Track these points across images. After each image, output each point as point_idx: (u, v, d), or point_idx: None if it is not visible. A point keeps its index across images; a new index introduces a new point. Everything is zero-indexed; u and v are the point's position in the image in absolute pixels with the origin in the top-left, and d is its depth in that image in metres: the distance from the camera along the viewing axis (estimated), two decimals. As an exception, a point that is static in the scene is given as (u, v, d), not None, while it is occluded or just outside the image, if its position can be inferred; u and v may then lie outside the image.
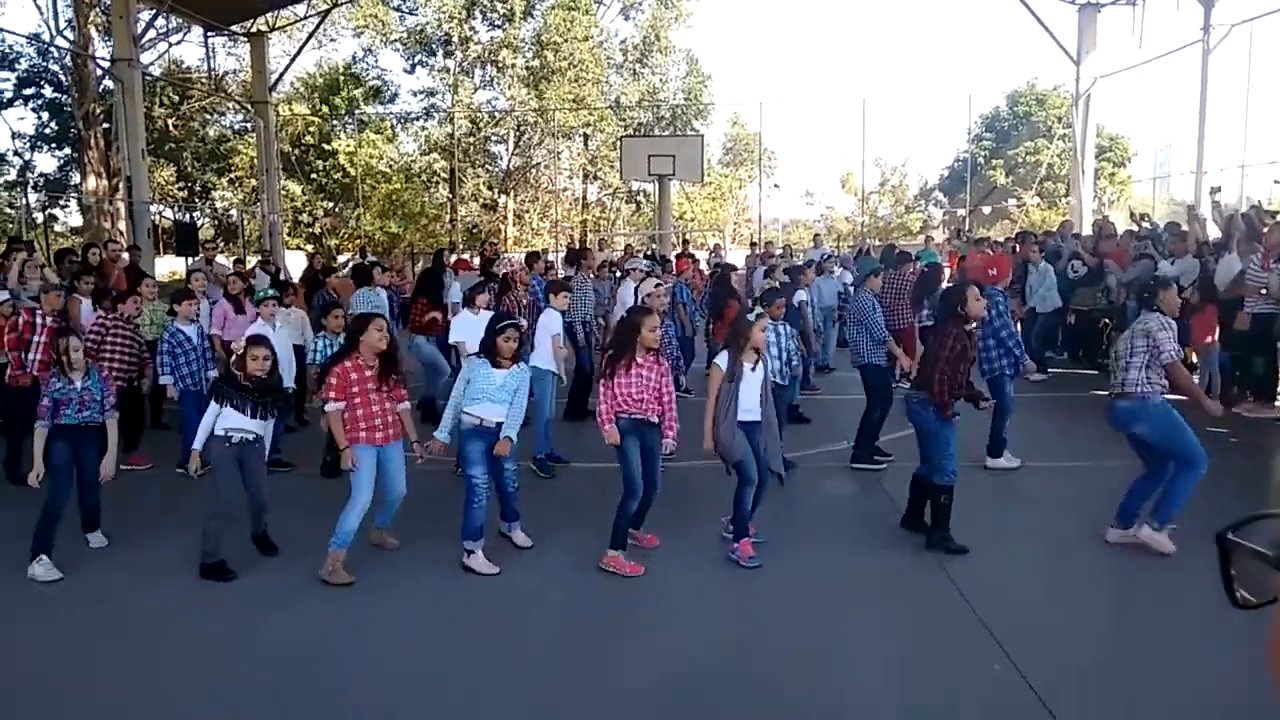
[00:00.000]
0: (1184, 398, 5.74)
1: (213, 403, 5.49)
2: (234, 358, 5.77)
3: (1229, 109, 16.81)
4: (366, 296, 9.88)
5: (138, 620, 4.88)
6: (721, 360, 5.50)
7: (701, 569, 5.45)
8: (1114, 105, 34.59)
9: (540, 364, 7.49)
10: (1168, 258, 10.43)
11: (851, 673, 4.18)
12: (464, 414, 5.46)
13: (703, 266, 17.45)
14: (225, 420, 5.43)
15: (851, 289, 12.64)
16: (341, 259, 27.06)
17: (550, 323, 7.76)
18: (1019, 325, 11.87)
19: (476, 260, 15.41)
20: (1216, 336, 9.35)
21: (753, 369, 5.49)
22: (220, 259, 18.47)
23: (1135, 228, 13.07)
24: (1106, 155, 29.36)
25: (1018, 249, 13.68)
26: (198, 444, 5.49)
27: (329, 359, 5.83)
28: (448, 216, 32.14)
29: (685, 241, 25.77)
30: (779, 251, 19.29)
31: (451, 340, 8.29)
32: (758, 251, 19.30)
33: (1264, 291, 8.70)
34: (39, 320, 7.59)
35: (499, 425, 5.49)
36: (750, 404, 5.48)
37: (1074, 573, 5.34)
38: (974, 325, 5.97)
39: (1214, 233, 10.72)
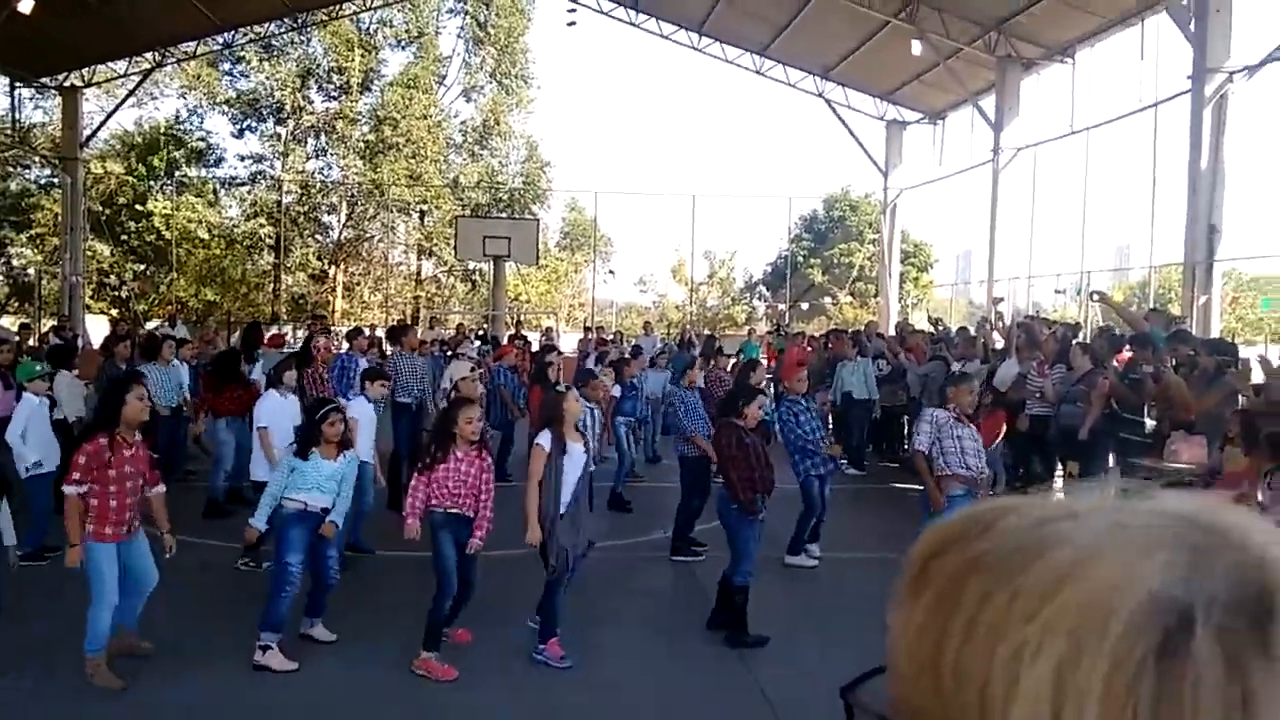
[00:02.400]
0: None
1: None
2: None
3: (1018, 223, 18.58)
4: (149, 372, 8.86)
5: None
6: (544, 440, 5.37)
7: (513, 669, 5.32)
8: (918, 214, 37.50)
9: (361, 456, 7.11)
10: (959, 359, 11.28)
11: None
12: (286, 499, 5.20)
13: (535, 349, 17.48)
14: None
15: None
16: (150, 325, 25.43)
17: (361, 414, 7.22)
18: (831, 419, 12.52)
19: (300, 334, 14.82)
20: (1002, 436, 10.15)
21: (565, 451, 5.41)
22: (4, 321, 17.00)
23: (932, 330, 14.11)
24: (911, 260, 31.71)
25: (830, 345, 14.49)
26: None
27: (82, 433, 5.39)
28: (271, 285, 30.90)
29: (519, 323, 25.79)
30: (610, 337, 19.59)
31: (257, 425, 7.48)
32: (590, 336, 19.56)
33: (1039, 395, 9.55)
34: None
35: (324, 511, 5.27)
36: (569, 491, 5.41)
37: (871, 664, 5.56)
38: (752, 424, 6.14)
39: (1000, 339, 11.72)
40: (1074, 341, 10.13)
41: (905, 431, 13.64)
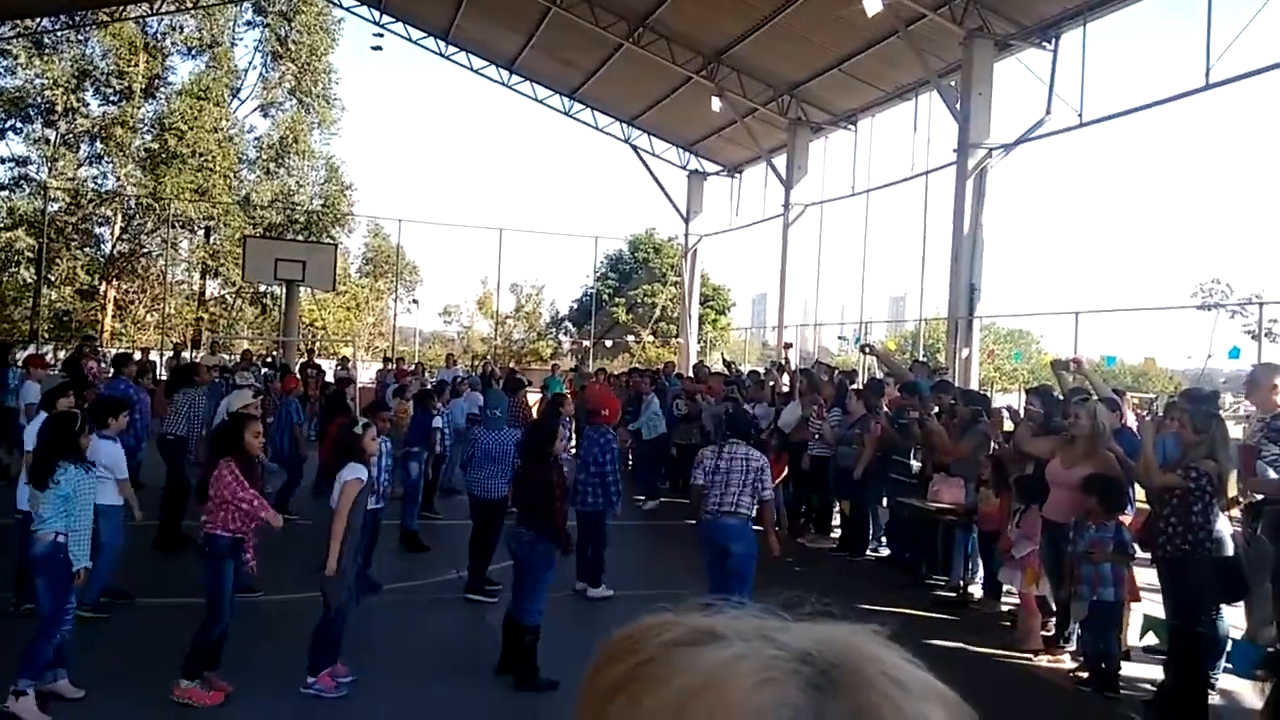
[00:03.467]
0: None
1: None
2: None
3: (806, 273, 19.77)
4: None
5: None
6: (360, 473, 5.32)
7: (278, 702, 5.09)
8: (717, 259, 39.21)
9: (104, 500, 6.46)
10: (749, 401, 11.83)
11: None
12: (57, 535, 4.76)
13: (329, 378, 16.81)
14: None
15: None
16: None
17: (106, 456, 6.33)
18: (631, 454, 12.80)
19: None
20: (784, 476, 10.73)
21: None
22: None
23: (726, 372, 14.74)
24: (710, 303, 33.03)
25: (630, 383, 14.82)
26: None
27: None
28: (30, 301, 28.08)
29: (311, 350, 24.71)
30: (411, 368, 19.13)
31: (29, 448, 6.83)
32: (390, 367, 19.02)
33: (818, 437, 10.18)
34: None
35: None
36: (356, 524, 5.33)
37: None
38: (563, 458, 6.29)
39: (787, 382, 12.41)
40: (850, 388, 10.89)
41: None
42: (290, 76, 31.70)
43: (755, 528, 6.21)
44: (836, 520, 10.79)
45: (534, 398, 15.20)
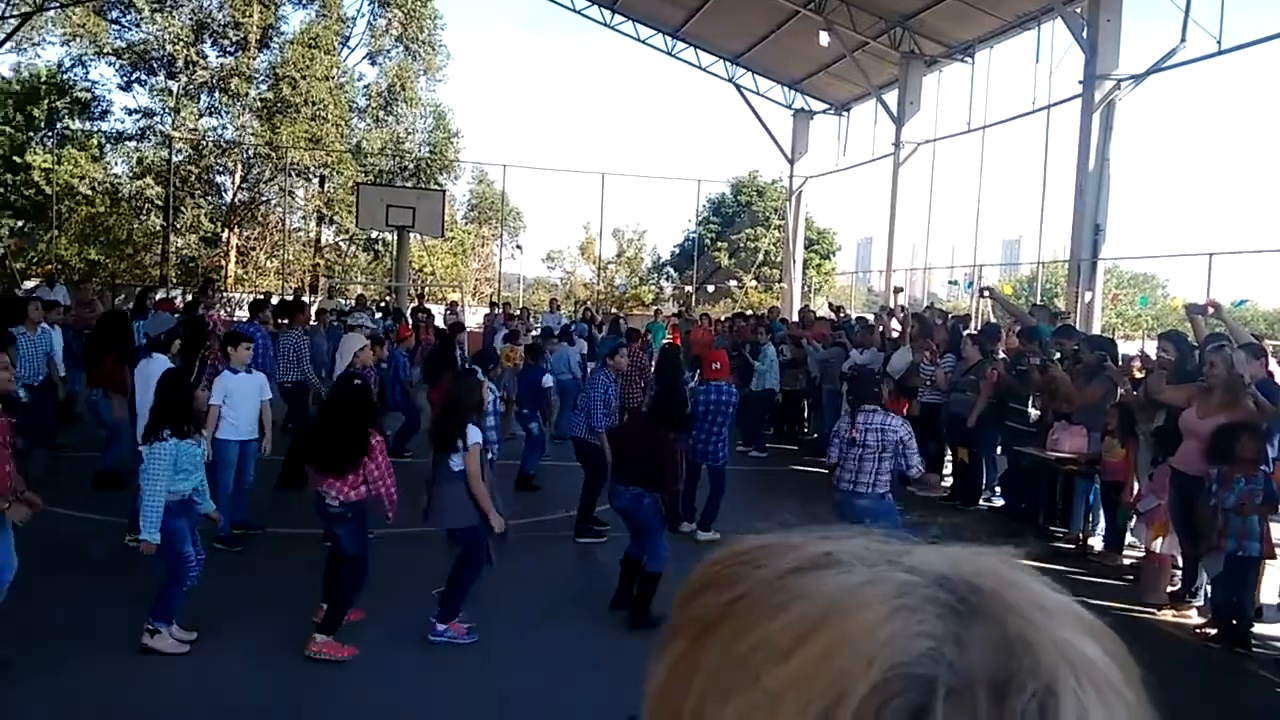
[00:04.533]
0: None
1: None
2: None
3: (916, 215, 19.16)
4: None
5: None
6: (476, 436, 5.34)
7: (413, 649, 5.26)
8: (823, 201, 38.27)
9: (222, 435, 6.75)
10: (857, 346, 11.61)
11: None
12: (170, 493, 4.93)
13: (439, 322, 17.21)
14: None
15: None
16: (28, 285, 24.02)
17: (219, 389, 6.75)
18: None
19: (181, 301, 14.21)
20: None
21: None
22: None
23: (833, 317, 14.47)
24: (815, 247, 32.40)
25: (734, 328, 14.72)
26: None
27: None
28: (160, 247, 29.54)
29: (422, 295, 25.32)
30: (517, 313, 19.45)
31: (139, 397, 6.92)
32: (497, 311, 19.35)
33: (930, 383, 9.92)
34: None
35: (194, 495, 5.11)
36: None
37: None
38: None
39: (898, 327, 12.10)
40: (965, 333, 10.56)
41: (805, 415, 13.98)
42: (397, 23, 32.07)
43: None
44: (947, 469, 10.56)
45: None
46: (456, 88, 64.20)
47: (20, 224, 29.30)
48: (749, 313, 18.94)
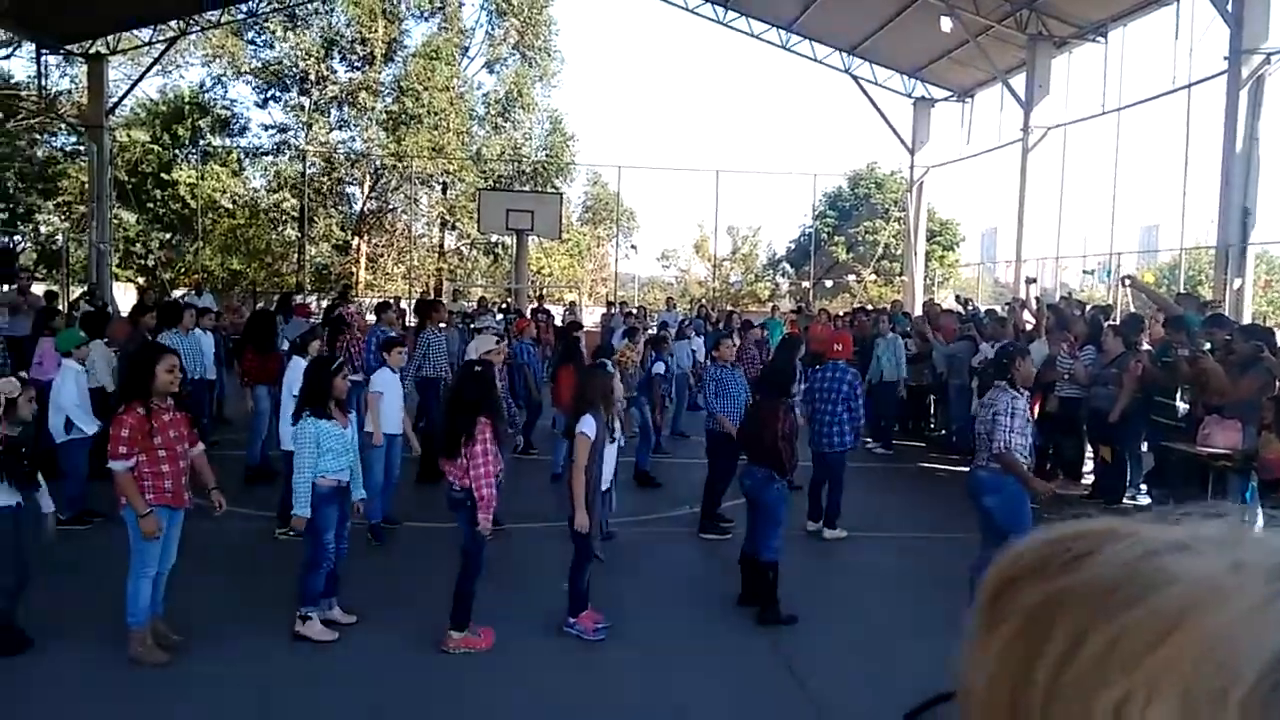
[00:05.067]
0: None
1: None
2: (3, 405, 4.97)
3: (1046, 203, 18.39)
4: (171, 340, 8.77)
5: None
6: (589, 428, 5.24)
7: (543, 641, 5.35)
8: (945, 192, 37.18)
9: (387, 429, 7.16)
10: (987, 340, 11.21)
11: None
12: (321, 479, 5.18)
13: (558, 322, 17.50)
14: None
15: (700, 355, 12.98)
16: (177, 294, 25.63)
17: (379, 382, 7.22)
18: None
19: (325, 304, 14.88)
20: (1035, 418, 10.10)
21: (613, 437, 5.40)
22: (36, 288, 17.17)
23: (960, 310, 14.01)
24: (937, 238, 31.44)
25: (856, 323, 14.44)
26: None
27: (116, 403, 5.23)
28: (295, 256, 31.05)
29: (541, 296, 25.80)
30: (633, 311, 19.60)
31: (290, 391, 7.75)
32: (612, 311, 19.54)
33: (1067, 377, 9.49)
34: None
35: (348, 485, 5.32)
36: (608, 471, 5.40)
37: (898, 645, 5.54)
38: (794, 400, 6.15)
39: (1030, 319, 11.62)
40: (1106, 324, 10.06)
41: (931, 411, 13.61)
42: (513, 32, 32.77)
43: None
44: (1087, 466, 10.09)
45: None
46: (570, 91, 65.09)
47: (169, 236, 31.25)
48: (870, 307, 18.55)
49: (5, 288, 17.15)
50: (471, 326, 13.20)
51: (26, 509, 5.04)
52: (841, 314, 18.58)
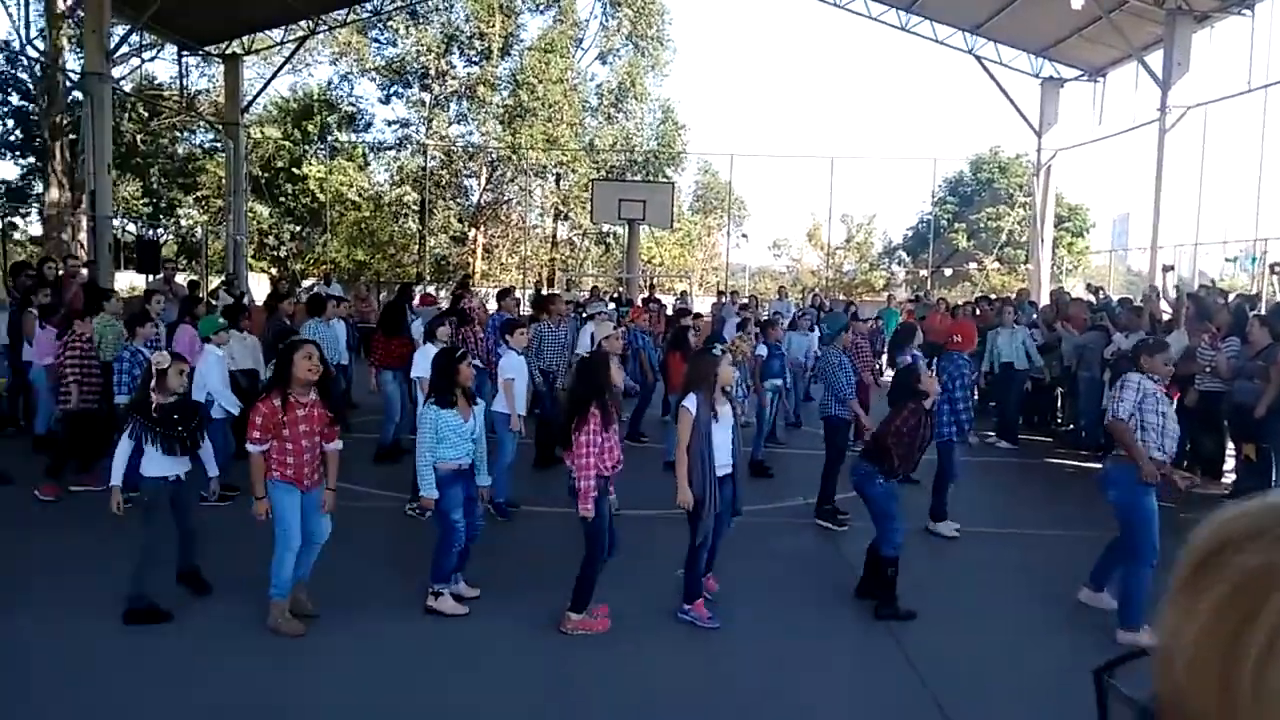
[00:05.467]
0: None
1: (124, 437, 5.26)
2: (155, 375, 5.38)
3: (1184, 187, 17.39)
4: (315, 329, 9.57)
5: (45, 671, 4.61)
6: (690, 403, 5.28)
7: (658, 627, 5.40)
8: (1074, 176, 35.56)
9: (500, 409, 7.47)
10: (1122, 330, 10.70)
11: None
12: (440, 465, 5.37)
13: (669, 312, 17.54)
14: (151, 465, 5.26)
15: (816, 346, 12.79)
16: (306, 284, 26.86)
17: (508, 366, 7.62)
18: (977, 391, 12.07)
19: (443, 294, 15.36)
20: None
21: (716, 417, 5.34)
22: (179, 278, 18.26)
23: (1091, 299, 13.41)
24: (1065, 225, 30.13)
25: (978, 312, 13.99)
26: (115, 480, 5.22)
27: (260, 390, 5.57)
28: (416, 247, 32.10)
29: (652, 286, 25.91)
30: (744, 300, 19.47)
31: (414, 375, 8.15)
32: (724, 300, 19.47)
33: (1209, 370, 8.97)
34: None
35: (473, 468, 5.48)
36: (724, 457, 5.38)
37: (1020, 641, 5.40)
38: (930, 401, 5.97)
39: (1168, 309, 11.04)
40: (1251, 314, 9.47)
41: (1058, 404, 13.07)
42: (627, 22, 32.96)
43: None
44: (1229, 464, 9.53)
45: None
46: (682, 80, 64.90)
47: (299, 228, 32.72)
48: (992, 296, 17.94)
49: (151, 278, 18.33)
50: (585, 314, 13.37)
51: (187, 482, 5.41)
52: (960, 303, 18.01)
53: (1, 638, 4.96)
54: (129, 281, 25.84)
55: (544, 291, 21.38)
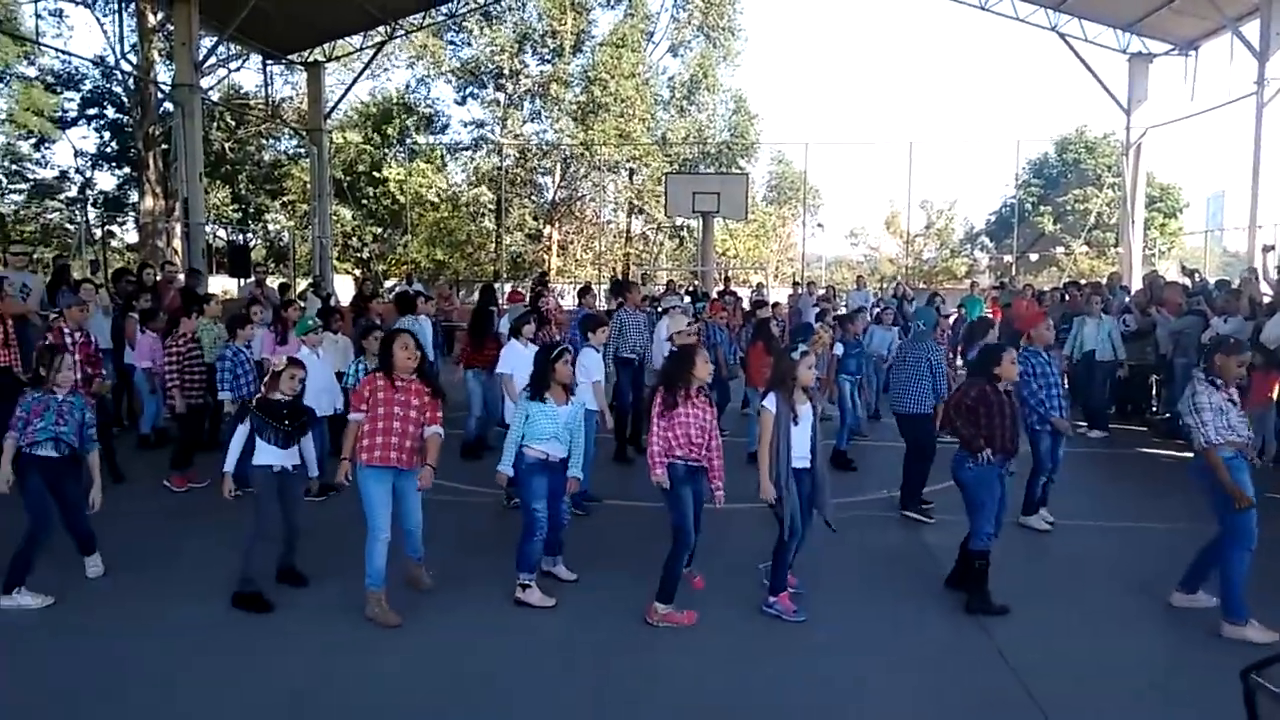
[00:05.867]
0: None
1: (241, 425, 5.58)
2: (269, 375, 5.76)
3: (1284, 163, 16.60)
4: (408, 325, 9.87)
5: (139, 657, 4.80)
6: (770, 403, 5.33)
7: (738, 621, 5.40)
8: (1165, 154, 34.26)
9: (585, 403, 7.56)
10: (1219, 314, 10.28)
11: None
12: (526, 449, 5.48)
13: (745, 305, 17.43)
14: (261, 455, 5.50)
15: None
16: (388, 284, 27.51)
17: (590, 363, 7.63)
18: (1066, 379, 11.72)
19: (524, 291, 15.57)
20: (1275, 398, 9.19)
21: (796, 419, 5.33)
22: (269, 281, 18.87)
23: (1186, 282, 12.90)
24: (1157, 205, 29.03)
25: (1066, 298, 13.59)
26: (228, 466, 5.56)
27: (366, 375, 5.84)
28: (492, 245, 32.58)
29: (728, 279, 25.80)
30: (821, 291, 19.25)
31: (499, 371, 8.17)
32: (800, 291, 19.28)
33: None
34: (69, 338, 7.80)
35: (562, 461, 5.55)
36: (801, 450, 5.38)
37: (1116, 636, 5.26)
38: (1004, 384, 5.84)
39: (1268, 291, 10.57)
40: (1363, 294, 9.01)
41: (1154, 392, 12.62)
42: (698, 13, 32.83)
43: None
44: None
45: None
46: (754, 69, 64.40)
47: (381, 230, 33.51)
48: (1081, 281, 17.39)
49: (242, 282, 18.98)
50: (660, 309, 13.37)
51: (293, 474, 5.64)
52: (1047, 289, 17.50)
53: (117, 620, 5.23)
54: (220, 285, 26.81)
55: (624, 278, 21.45)
